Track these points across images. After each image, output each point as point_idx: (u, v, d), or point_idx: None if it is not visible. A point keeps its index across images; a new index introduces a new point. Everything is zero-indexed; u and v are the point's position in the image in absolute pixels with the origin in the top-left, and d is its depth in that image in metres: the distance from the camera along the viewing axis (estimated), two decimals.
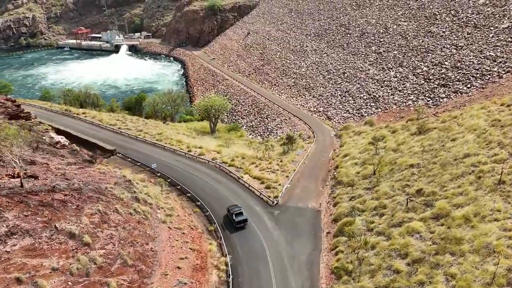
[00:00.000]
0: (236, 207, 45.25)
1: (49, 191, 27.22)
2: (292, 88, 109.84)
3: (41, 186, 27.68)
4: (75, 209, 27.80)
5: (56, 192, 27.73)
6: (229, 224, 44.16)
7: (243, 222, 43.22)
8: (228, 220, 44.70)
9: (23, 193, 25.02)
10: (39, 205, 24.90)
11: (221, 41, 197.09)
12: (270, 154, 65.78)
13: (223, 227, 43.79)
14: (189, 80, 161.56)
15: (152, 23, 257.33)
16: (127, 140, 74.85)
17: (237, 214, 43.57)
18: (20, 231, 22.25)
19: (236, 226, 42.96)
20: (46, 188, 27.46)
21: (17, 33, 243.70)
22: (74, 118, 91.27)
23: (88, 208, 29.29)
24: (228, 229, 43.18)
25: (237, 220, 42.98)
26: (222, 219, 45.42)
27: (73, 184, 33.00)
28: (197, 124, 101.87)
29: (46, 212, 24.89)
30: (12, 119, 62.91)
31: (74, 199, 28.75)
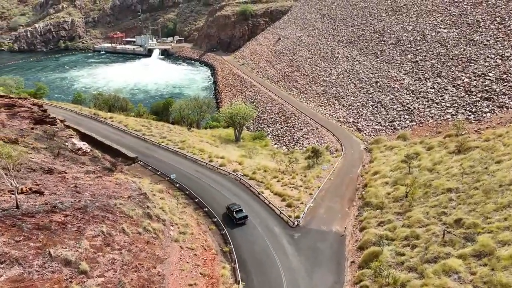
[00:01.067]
0: (235, 205, 47.27)
1: (48, 211, 25.55)
2: (321, 96, 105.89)
3: (40, 206, 26.08)
4: (75, 231, 25.93)
5: (56, 213, 26.02)
6: (247, 244, 41.34)
7: (244, 219, 45.51)
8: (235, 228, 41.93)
9: (17, 215, 23.41)
10: (34, 229, 23.13)
11: (251, 46, 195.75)
12: (294, 167, 62.44)
13: (239, 247, 40.97)
14: (218, 85, 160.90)
15: (185, 28, 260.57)
16: (150, 147, 73.93)
17: (237, 211, 45.71)
18: (9, 260, 20.44)
19: (237, 222, 45.16)
20: (45, 208, 25.81)
21: (57, 37, 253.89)
22: (101, 123, 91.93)
23: (90, 229, 27.39)
24: (244, 251, 40.33)
25: (237, 217, 45.13)
26: (238, 238, 42.65)
27: (79, 201, 31.36)
28: (222, 132, 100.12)
29: (41, 237, 23.06)
30: (37, 124, 63.31)
31: (75, 220, 26.94)
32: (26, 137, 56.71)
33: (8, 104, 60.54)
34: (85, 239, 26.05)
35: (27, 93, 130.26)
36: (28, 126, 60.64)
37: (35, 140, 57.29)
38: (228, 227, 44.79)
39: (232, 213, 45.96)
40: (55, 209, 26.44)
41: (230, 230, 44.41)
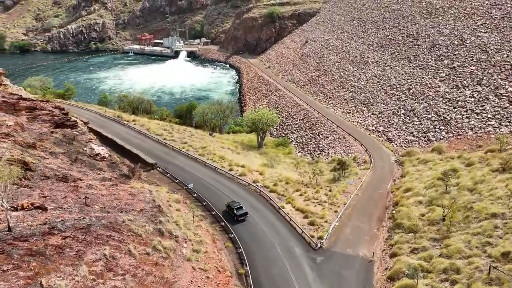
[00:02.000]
0: (235, 202, 48.65)
1: (45, 233, 23.34)
2: (349, 102, 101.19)
3: (37, 226, 23.92)
4: (73, 256, 23.56)
5: (54, 235, 23.78)
6: (265, 266, 38.08)
7: (244, 215, 46.83)
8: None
9: (8, 239, 21.24)
10: (26, 255, 20.87)
11: (277, 49, 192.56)
12: (318, 180, 58.61)
13: (256, 269, 37.76)
14: (242, 88, 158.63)
15: (212, 30, 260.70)
16: (170, 153, 72.07)
17: (237, 208, 47.05)
18: None
19: (238, 219, 46.37)
20: (42, 230, 23.62)
21: (88, 38, 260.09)
22: (123, 126, 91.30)
23: (91, 252, 24.99)
24: (261, 274, 37.07)
25: (238, 213, 46.45)
26: (255, 259, 39.45)
27: (83, 217, 29.14)
28: (245, 137, 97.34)
29: (33, 264, 20.75)
30: (58, 127, 62.61)
31: (75, 242, 24.61)
32: (45, 141, 55.82)
33: (29, 107, 60.06)
34: (84, 265, 23.63)
35: (56, 93, 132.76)
36: (48, 129, 59.93)
37: (54, 144, 56.35)
38: (243, 242, 41.76)
39: (232, 210, 47.26)
40: (53, 230, 24.21)
41: (247, 247, 41.28)
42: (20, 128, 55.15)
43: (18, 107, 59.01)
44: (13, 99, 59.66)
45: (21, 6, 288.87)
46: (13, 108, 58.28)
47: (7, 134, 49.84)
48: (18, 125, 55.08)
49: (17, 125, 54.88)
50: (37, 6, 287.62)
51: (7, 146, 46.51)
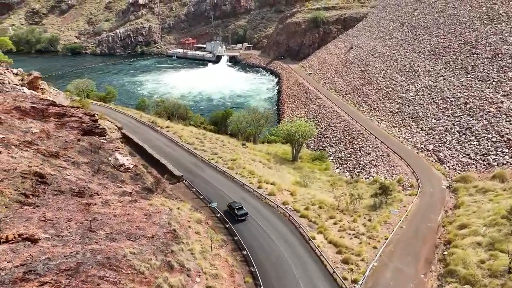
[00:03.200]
0: (236, 203, 50.14)
1: (17, 280, 19.76)
2: (395, 115, 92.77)
3: (10, 271, 20.37)
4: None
5: (28, 281, 20.15)
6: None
7: (245, 215, 48.20)
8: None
9: None
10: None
11: (320, 55, 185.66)
12: (357, 206, 52.12)
13: None
14: (281, 95, 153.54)
15: (255, 35, 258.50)
16: (198, 165, 68.59)
17: (238, 208, 48.48)
18: None
19: (238, 219, 47.62)
20: (14, 275, 20.06)
21: (135, 42, 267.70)
22: (156, 132, 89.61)
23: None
24: None
25: (239, 213, 47.80)
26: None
27: (76, 253, 25.51)
28: (279, 148, 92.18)
29: None
30: (85, 135, 61.12)
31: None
32: (70, 150, 54.12)
33: (58, 114, 59.00)
34: None
35: (98, 96, 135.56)
36: (75, 137, 58.49)
37: (78, 153, 54.54)
38: (264, 276, 36.62)
39: (233, 210, 48.62)
40: (29, 274, 20.59)
41: (269, 283, 36.10)
42: (45, 136, 53.77)
43: (47, 114, 58.08)
44: (43, 105, 58.89)
45: (75, 10, 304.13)
46: (41, 114, 57.42)
47: (30, 142, 48.30)
48: (44, 133, 53.77)
49: (43, 132, 53.58)
50: (89, 11, 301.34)
51: (27, 155, 44.79)
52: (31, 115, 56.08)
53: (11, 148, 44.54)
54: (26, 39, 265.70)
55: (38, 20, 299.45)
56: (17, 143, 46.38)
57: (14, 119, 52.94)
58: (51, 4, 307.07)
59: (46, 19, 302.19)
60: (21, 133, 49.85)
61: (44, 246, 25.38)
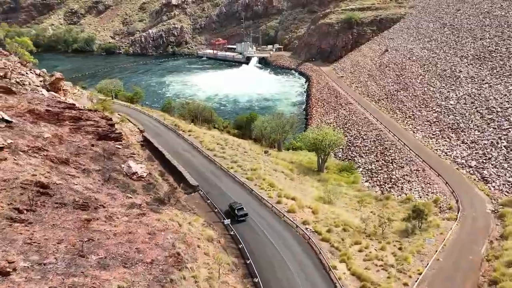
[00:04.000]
0: (236, 203, 50.74)
1: None
2: (432, 125, 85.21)
3: None
4: None
5: None
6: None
7: (244, 216, 48.86)
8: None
9: None
10: None
11: (353, 57, 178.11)
12: (386, 229, 46.51)
13: None
14: (310, 99, 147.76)
15: (286, 36, 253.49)
16: (216, 173, 65.04)
17: (238, 209, 49.20)
18: None
19: (238, 219, 48.30)
20: None
21: (166, 42, 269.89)
22: (178, 136, 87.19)
23: None
24: None
25: (239, 214, 48.51)
26: None
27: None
28: (304, 157, 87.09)
29: None
30: (100, 139, 59.12)
31: None
32: (81, 156, 52.01)
33: (74, 117, 57.24)
34: None
35: (126, 97, 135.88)
36: (89, 142, 56.51)
37: (90, 160, 52.35)
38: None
39: (233, 211, 49.14)
40: None
41: None
42: (58, 141, 51.88)
43: (62, 117, 56.40)
44: (59, 108, 57.32)
45: (111, 10, 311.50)
46: (56, 118, 55.76)
47: (39, 148, 46.27)
48: (56, 137, 51.93)
49: (55, 137, 51.74)
50: (125, 11, 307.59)
51: (35, 162, 42.70)
52: (45, 118, 54.51)
53: (18, 154, 42.54)
54: (64, 38, 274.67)
55: (76, 20, 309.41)
56: (26, 149, 44.45)
57: (26, 123, 51.38)
58: (88, 5, 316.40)
59: (83, 19, 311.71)
60: (31, 138, 48.05)
61: (16, 281, 22.33)
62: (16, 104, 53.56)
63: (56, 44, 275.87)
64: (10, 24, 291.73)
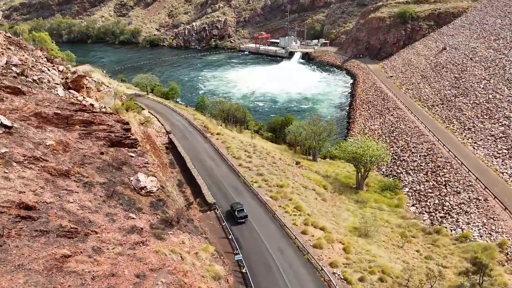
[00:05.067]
0: (238, 204, 48.97)
1: None
2: (498, 141, 72.11)
3: None
4: None
5: None
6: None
7: (244, 218, 46.91)
8: None
9: None
10: None
11: (405, 55, 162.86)
12: (435, 284, 36.86)
13: None
14: (355, 100, 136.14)
15: (332, 30, 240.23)
16: (238, 188, 58.02)
17: (238, 210, 47.28)
18: None
19: (238, 221, 46.63)
20: None
21: (209, 35, 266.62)
22: (205, 139, 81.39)
23: None
24: None
25: (238, 216, 46.68)
26: None
27: None
28: (342, 170, 77.70)
29: None
30: (112, 146, 53.94)
31: None
32: (87, 166, 46.98)
33: (86, 121, 52.35)
34: None
35: (161, 92, 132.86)
36: (99, 149, 51.51)
37: (96, 171, 47.23)
38: None
39: (234, 212, 47.55)
40: None
41: None
42: (62, 149, 47.06)
43: (72, 121, 51.63)
44: (70, 110, 52.62)
45: (158, 3, 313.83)
46: (65, 122, 51.08)
47: (37, 158, 41.55)
48: (61, 144, 47.13)
49: (60, 144, 46.95)
50: (171, 3, 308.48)
51: (28, 176, 37.86)
52: (53, 122, 50.02)
53: (11, 166, 37.85)
54: (112, 30, 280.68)
55: (125, 12, 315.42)
56: (21, 159, 39.73)
57: (30, 127, 47.06)
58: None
59: (132, 11, 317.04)
60: (31, 147, 43.52)
61: None
62: (22, 106, 49.51)
63: (104, 35, 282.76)
64: (64, 15, 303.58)
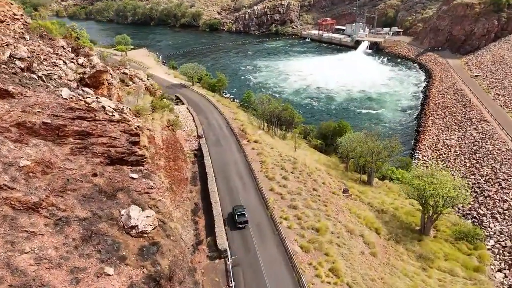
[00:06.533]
0: (240, 207, 46.21)
1: None
2: None
3: None
4: None
5: None
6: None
7: (244, 223, 44.11)
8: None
9: None
10: None
11: (496, 50, 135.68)
12: None
13: None
14: (427, 103, 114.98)
15: (408, 17, 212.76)
16: (262, 228, 45.62)
17: (239, 215, 44.55)
18: None
19: (237, 226, 43.90)
20: None
21: (270, 20, 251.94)
22: (239, 148, 70.23)
23: None
24: None
25: (238, 220, 43.96)
26: None
27: None
28: (403, 202, 61.42)
29: None
30: (112, 164, 44.33)
31: None
32: (68, 195, 37.58)
33: (82, 132, 43.03)
34: None
35: (208, 83, 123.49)
36: (92, 169, 41.93)
37: (80, 200, 37.72)
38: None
39: (235, 215, 44.89)
40: None
41: None
42: (41, 170, 37.75)
43: (65, 132, 42.38)
44: (65, 118, 43.35)
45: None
46: (56, 133, 41.97)
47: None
48: (41, 164, 37.87)
49: (39, 164, 37.70)
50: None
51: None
52: (39, 134, 41.09)
53: None
54: (174, 12, 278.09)
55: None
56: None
57: (6, 142, 38.51)
58: None
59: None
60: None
61: None
62: (4, 113, 41.22)
63: (166, 18, 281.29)
64: None
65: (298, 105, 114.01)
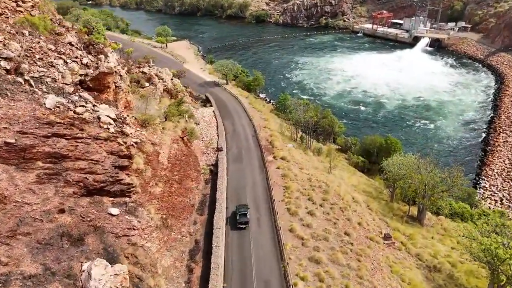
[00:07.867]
0: (243, 207, 45.23)
1: None
2: None
3: None
4: None
5: None
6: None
7: (245, 224, 43.03)
8: None
9: None
10: None
11: None
12: None
13: None
14: (498, 116, 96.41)
15: (478, 11, 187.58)
16: (270, 287, 35.15)
17: (241, 215, 43.69)
18: None
19: (237, 226, 42.89)
20: None
21: (320, 12, 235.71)
22: (262, 168, 60.11)
23: None
24: None
25: (238, 221, 43.03)
26: None
27: None
28: (464, 254, 47.54)
29: None
30: (90, 195, 36.20)
31: None
32: (18, 240, 31.27)
33: (55, 155, 34.88)
34: None
35: (243, 82, 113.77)
36: (60, 203, 33.95)
37: (32, 249, 31.51)
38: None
39: (236, 215, 44.00)
40: None
41: None
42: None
43: (32, 154, 34.64)
44: (37, 136, 35.49)
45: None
46: (21, 156, 34.17)
47: None
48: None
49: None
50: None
51: None
52: (1, 156, 34.03)
53: None
54: (221, 3, 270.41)
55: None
56: None
57: None
58: None
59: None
60: None
61: None
62: None
63: (213, 9, 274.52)
64: None
65: (339, 111, 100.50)
